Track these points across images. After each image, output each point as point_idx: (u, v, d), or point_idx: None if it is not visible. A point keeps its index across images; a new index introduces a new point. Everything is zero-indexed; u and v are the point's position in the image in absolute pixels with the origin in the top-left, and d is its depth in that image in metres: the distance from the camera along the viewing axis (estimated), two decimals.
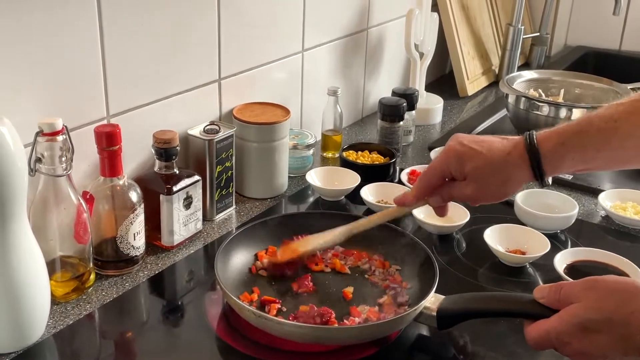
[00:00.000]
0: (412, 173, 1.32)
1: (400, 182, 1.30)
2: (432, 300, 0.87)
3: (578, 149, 0.80)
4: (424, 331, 0.90)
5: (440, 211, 0.93)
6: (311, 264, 1.01)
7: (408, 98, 1.48)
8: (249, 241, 1.02)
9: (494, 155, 0.83)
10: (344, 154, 1.37)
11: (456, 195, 0.88)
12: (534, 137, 0.82)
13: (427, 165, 1.32)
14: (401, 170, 1.34)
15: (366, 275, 1.00)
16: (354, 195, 1.25)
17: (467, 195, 0.86)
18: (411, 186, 1.25)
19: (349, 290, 0.96)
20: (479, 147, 0.84)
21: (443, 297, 0.88)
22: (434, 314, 0.86)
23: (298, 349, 0.86)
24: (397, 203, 0.92)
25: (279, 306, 0.92)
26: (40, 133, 0.86)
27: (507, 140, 0.85)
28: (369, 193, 1.23)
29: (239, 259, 1.00)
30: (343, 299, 0.95)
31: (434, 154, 1.42)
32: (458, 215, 1.17)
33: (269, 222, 1.06)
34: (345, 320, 0.89)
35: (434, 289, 0.88)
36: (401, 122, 1.44)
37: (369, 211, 1.23)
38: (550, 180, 0.83)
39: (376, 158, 1.37)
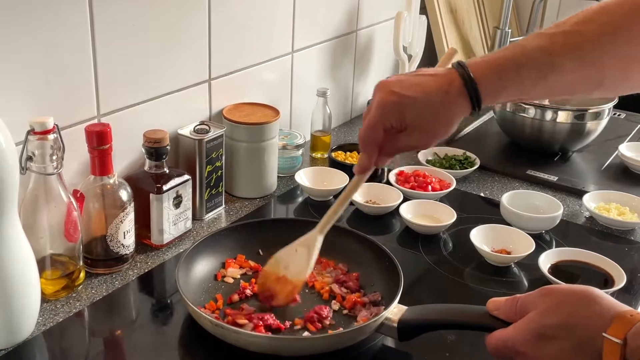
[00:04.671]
0: (400, 174, 1.33)
1: (388, 182, 1.31)
2: (395, 312, 0.86)
3: (515, 82, 0.77)
4: (389, 342, 0.90)
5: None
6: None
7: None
8: (215, 248, 1.02)
9: (432, 97, 0.78)
10: (333, 154, 1.38)
11: (402, 146, 0.82)
12: (470, 72, 0.77)
13: (418, 167, 1.35)
14: (389, 170, 1.35)
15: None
16: None
17: (413, 143, 0.82)
18: (399, 186, 1.27)
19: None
20: (413, 93, 0.78)
21: (406, 308, 0.87)
22: (396, 325, 0.85)
23: None
24: (360, 171, 0.86)
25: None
26: (31, 132, 0.87)
27: (437, 77, 0.79)
28: (357, 193, 1.24)
29: (205, 266, 1.00)
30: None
31: (421, 155, 1.43)
32: (445, 216, 1.19)
33: (234, 229, 1.07)
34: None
35: (397, 300, 0.88)
36: None
37: (357, 211, 1.24)
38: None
39: None
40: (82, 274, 0.98)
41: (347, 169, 1.32)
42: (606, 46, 0.76)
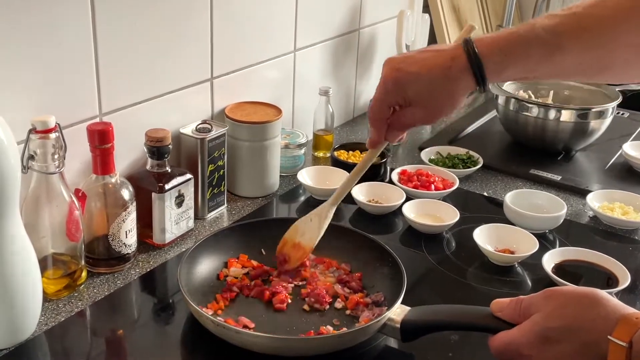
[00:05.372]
0: (403, 173, 1.33)
1: (390, 181, 1.30)
2: (397, 312, 0.86)
3: (521, 60, 0.77)
4: (392, 343, 0.90)
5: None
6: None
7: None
8: (217, 248, 1.01)
9: (433, 73, 0.78)
10: (335, 153, 1.38)
11: (408, 122, 0.83)
12: (475, 48, 0.77)
13: (421, 166, 1.35)
14: (392, 170, 1.35)
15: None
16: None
17: (418, 118, 0.82)
18: (402, 186, 1.27)
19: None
20: (416, 69, 0.79)
21: (409, 308, 0.87)
22: (398, 325, 0.85)
23: None
24: (370, 145, 0.88)
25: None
26: (33, 130, 0.87)
27: (442, 52, 0.80)
28: (360, 192, 1.24)
29: (207, 266, 1.00)
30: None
31: (424, 154, 1.43)
32: (448, 215, 1.18)
33: (237, 228, 1.07)
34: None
35: (400, 301, 0.88)
36: None
37: (360, 210, 1.24)
38: (489, 86, 0.80)
39: None
40: (83, 274, 0.98)
41: (349, 168, 1.31)
42: (617, 30, 0.75)
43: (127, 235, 1.00)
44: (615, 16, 0.75)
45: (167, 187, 1.05)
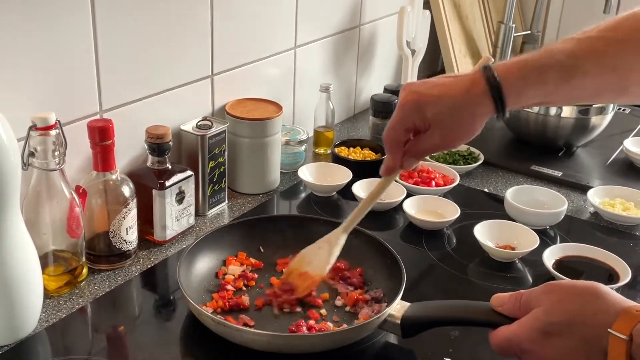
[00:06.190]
0: None
1: None
2: (397, 308, 0.86)
3: (540, 84, 0.77)
4: (392, 339, 0.90)
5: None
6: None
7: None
8: (216, 245, 1.01)
9: (452, 96, 0.79)
10: (336, 150, 1.38)
11: (426, 147, 0.82)
12: (494, 72, 0.77)
13: (421, 162, 1.34)
14: None
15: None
16: (346, 191, 1.26)
17: (437, 143, 0.81)
18: (403, 182, 1.27)
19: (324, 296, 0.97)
20: (435, 92, 0.79)
21: (409, 304, 0.87)
22: (399, 321, 0.85)
23: None
24: (385, 173, 0.87)
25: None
26: (33, 127, 0.87)
27: (461, 78, 0.80)
28: (360, 189, 1.24)
29: (206, 263, 0.99)
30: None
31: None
32: (448, 211, 1.18)
33: (235, 226, 1.07)
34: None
35: (400, 297, 0.88)
36: None
37: None
38: (508, 113, 0.80)
39: (368, 154, 1.38)
40: (84, 270, 0.98)
41: (350, 164, 1.32)
42: (632, 54, 0.77)
43: (128, 232, 1.00)
44: (631, 39, 0.76)
45: (167, 183, 1.05)
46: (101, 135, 0.95)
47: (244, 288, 0.97)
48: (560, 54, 0.77)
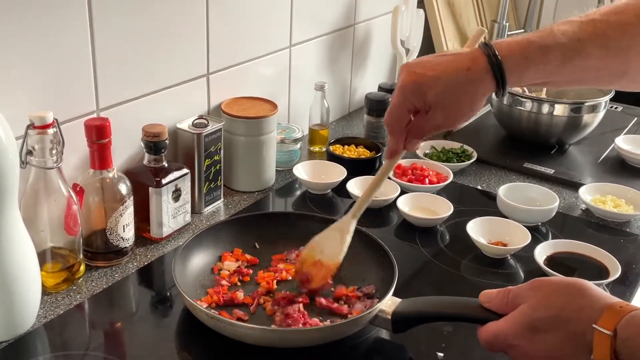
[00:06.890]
0: (398, 167, 1.34)
1: None
2: (389, 304, 0.87)
3: (541, 64, 0.77)
4: (383, 334, 0.91)
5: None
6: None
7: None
8: (212, 241, 1.02)
9: (453, 75, 0.78)
10: (331, 148, 1.39)
11: (428, 127, 0.82)
12: (495, 50, 0.77)
13: (415, 160, 1.36)
14: None
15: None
16: (341, 189, 1.27)
17: (439, 123, 0.81)
18: (396, 180, 1.28)
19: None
20: (434, 72, 0.79)
21: (400, 300, 0.88)
22: (389, 317, 0.86)
23: None
24: (389, 155, 0.88)
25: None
26: (31, 126, 0.87)
27: (460, 55, 0.80)
28: (355, 186, 1.25)
29: (201, 259, 1.00)
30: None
31: (419, 150, 1.44)
32: (442, 208, 1.19)
33: (231, 222, 1.08)
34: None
35: (391, 293, 0.89)
36: None
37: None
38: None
39: (362, 152, 1.39)
40: (82, 267, 0.99)
41: (344, 162, 1.33)
42: (634, 37, 0.77)
43: (125, 229, 1.01)
44: (634, 24, 0.77)
45: (164, 181, 1.06)
46: (98, 134, 0.95)
47: (239, 283, 0.98)
48: (564, 35, 0.77)
